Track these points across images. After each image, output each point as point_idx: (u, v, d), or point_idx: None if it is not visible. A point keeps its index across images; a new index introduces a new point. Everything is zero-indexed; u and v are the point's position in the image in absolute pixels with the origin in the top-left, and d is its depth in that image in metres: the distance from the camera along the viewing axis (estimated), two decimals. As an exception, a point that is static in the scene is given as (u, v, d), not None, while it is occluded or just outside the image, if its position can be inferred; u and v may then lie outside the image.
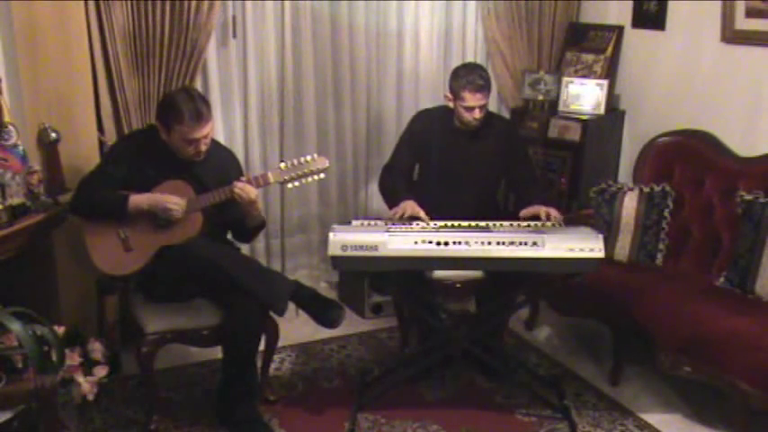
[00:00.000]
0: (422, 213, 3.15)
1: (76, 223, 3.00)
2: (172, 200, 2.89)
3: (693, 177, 3.65)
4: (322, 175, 3.04)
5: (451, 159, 3.44)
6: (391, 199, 3.35)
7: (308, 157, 3.02)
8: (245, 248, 3.90)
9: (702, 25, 3.75)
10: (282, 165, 3.02)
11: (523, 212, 3.20)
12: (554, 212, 3.15)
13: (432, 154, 3.48)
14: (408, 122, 3.61)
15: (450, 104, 3.38)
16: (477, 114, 3.30)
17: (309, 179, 3.03)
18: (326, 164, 3.04)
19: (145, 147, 2.99)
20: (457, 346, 3.18)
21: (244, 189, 2.91)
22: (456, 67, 3.44)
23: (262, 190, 3.03)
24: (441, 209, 3.23)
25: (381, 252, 2.79)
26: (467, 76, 3.29)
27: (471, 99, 3.27)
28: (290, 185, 3.04)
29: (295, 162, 3.01)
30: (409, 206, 3.18)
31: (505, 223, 3.09)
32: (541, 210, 3.16)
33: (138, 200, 2.90)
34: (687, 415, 3.19)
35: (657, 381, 3.39)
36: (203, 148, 2.93)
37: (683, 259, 3.59)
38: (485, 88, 3.27)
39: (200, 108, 2.87)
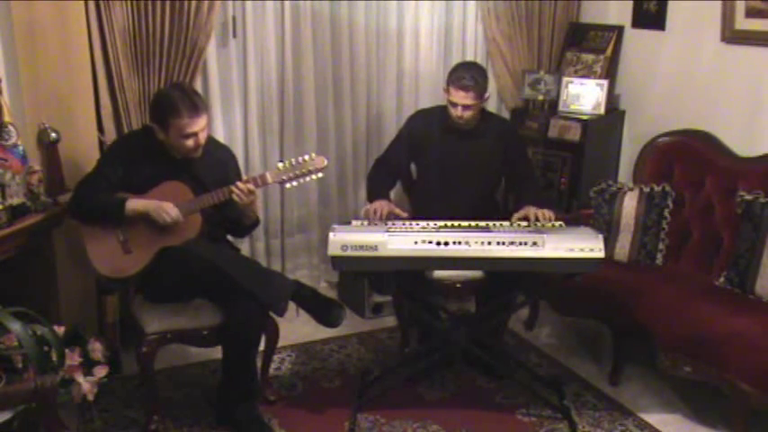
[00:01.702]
0: (398, 211, 3.23)
1: (76, 225, 3.00)
2: (165, 210, 2.88)
3: (693, 177, 3.65)
4: (320, 175, 3.03)
5: (449, 159, 3.44)
6: (370, 195, 3.43)
7: (306, 157, 3.01)
8: (245, 248, 3.91)
9: (702, 25, 3.75)
10: (280, 164, 3.01)
11: (515, 216, 3.20)
12: (548, 213, 3.14)
13: (429, 154, 3.49)
14: (405, 122, 3.62)
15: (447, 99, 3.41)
16: (460, 112, 3.31)
17: (308, 178, 3.02)
18: (325, 163, 3.02)
19: (142, 147, 2.99)
20: (457, 346, 3.18)
21: (243, 191, 2.91)
22: (458, 63, 3.48)
23: (262, 190, 3.02)
24: (439, 208, 3.23)
25: (381, 252, 2.79)
26: (459, 72, 3.33)
27: (456, 95, 3.30)
28: (288, 185, 3.03)
29: (293, 161, 3.00)
30: (383, 205, 3.24)
31: (505, 223, 3.10)
32: (530, 211, 3.16)
33: (134, 205, 2.89)
34: (687, 415, 3.19)
35: (657, 381, 3.39)
36: (201, 141, 2.93)
37: (683, 259, 3.60)
38: (470, 89, 3.27)
39: (194, 100, 2.88)
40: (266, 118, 3.99)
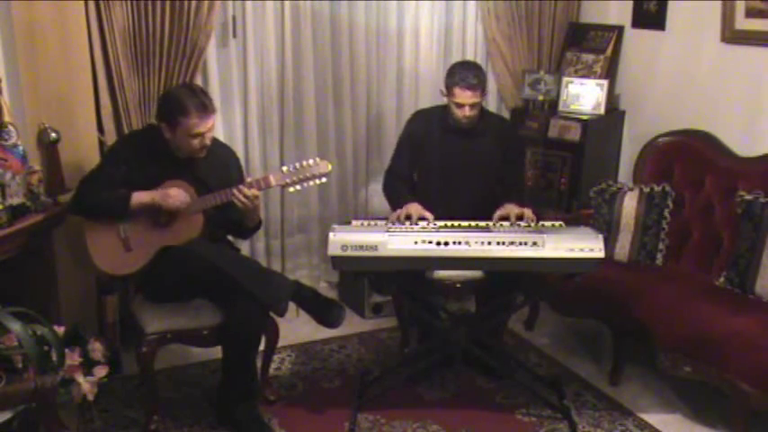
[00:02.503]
0: (427, 214, 3.13)
1: (77, 223, 3.01)
2: (172, 198, 2.88)
3: (693, 177, 3.65)
4: (324, 179, 3.01)
5: (449, 158, 3.43)
6: (396, 203, 3.33)
7: (311, 161, 3.00)
8: (245, 248, 3.91)
9: (702, 25, 3.75)
10: (284, 168, 3.01)
11: (496, 215, 3.17)
12: (528, 212, 3.12)
13: (429, 153, 3.48)
14: (405, 124, 3.62)
15: (446, 100, 3.39)
16: (468, 112, 3.30)
17: (311, 183, 3.01)
18: (329, 168, 3.01)
19: (144, 147, 3.00)
20: (457, 346, 3.18)
21: (248, 196, 2.91)
22: (453, 64, 3.46)
23: (262, 191, 3.02)
24: (440, 208, 3.23)
25: (381, 252, 2.79)
26: (460, 72, 3.30)
27: (461, 96, 3.27)
28: (291, 189, 3.02)
29: (297, 166, 2.99)
30: (413, 208, 3.16)
31: (505, 223, 3.09)
32: (512, 211, 3.13)
33: (140, 195, 2.90)
34: (687, 415, 3.19)
35: (657, 381, 3.39)
36: (208, 142, 2.94)
37: (683, 259, 3.59)
38: (476, 87, 3.25)
39: (204, 101, 2.88)
40: (266, 118, 3.99)
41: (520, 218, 3.10)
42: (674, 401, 3.29)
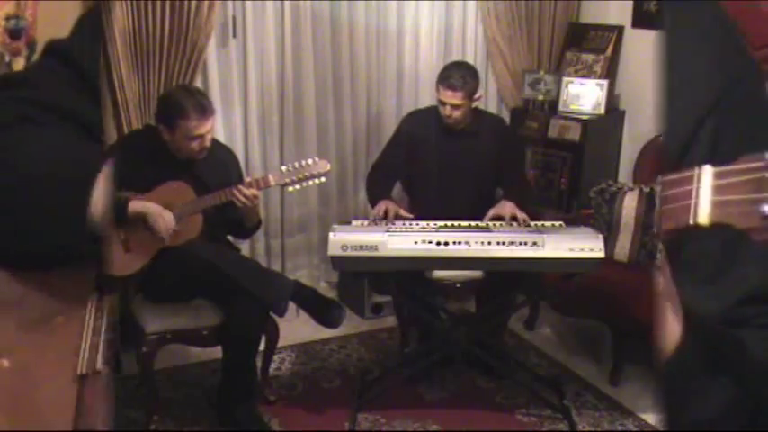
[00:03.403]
0: (401, 211, 3.21)
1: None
2: (162, 221, 2.86)
3: (693, 177, 3.65)
4: (323, 179, 3.03)
5: (446, 159, 3.43)
6: (371, 199, 3.42)
7: (310, 161, 3.01)
8: (245, 248, 3.91)
9: (702, 25, 3.75)
10: (283, 168, 3.02)
11: (490, 213, 3.21)
12: (522, 216, 3.14)
13: (426, 153, 3.48)
14: (401, 122, 3.64)
15: None
16: (449, 111, 3.31)
17: (310, 182, 3.02)
18: (328, 167, 3.02)
19: (144, 147, 3.00)
20: (457, 346, 3.18)
21: (248, 196, 2.90)
22: (450, 62, 3.51)
23: (261, 191, 3.03)
24: (437, 208, 3.23)
25: (381, 252, 2.79)
26: (448, 71, 3.33)
27: (443, 94, 3.30)
28: (290, 188, 3.03)
29: (296, 165, 3.00)
30: (388, 206, 3.23)
31: (505, 223, 3.10)
32: (506, 212, 3.17)
33: (136, 205, 2.89)
34: (687, 415, 3.19)
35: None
36: (207, 144, 2.93)
37: (684, 259, 3.59)
38: (457, 89, 3.26)
39: (202, 102, 2.88)
40: (266, 118, 3.98)
41: (513, 219, 3.13)
42: (674, 401, 3.28)
